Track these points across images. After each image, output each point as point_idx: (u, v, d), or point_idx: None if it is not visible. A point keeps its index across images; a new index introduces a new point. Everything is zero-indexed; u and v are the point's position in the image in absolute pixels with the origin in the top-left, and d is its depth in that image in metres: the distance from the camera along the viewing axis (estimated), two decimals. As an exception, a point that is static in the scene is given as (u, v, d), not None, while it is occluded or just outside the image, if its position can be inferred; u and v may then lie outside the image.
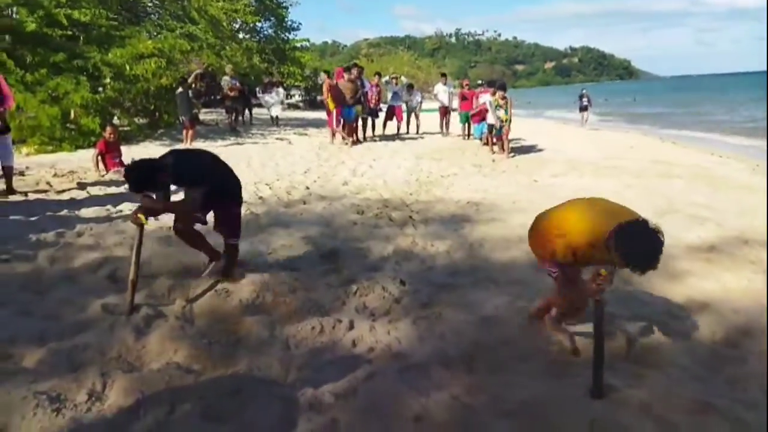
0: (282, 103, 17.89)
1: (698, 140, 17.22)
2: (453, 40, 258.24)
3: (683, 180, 8.89)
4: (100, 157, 8.80)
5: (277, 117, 17.37)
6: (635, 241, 2.56)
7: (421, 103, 16.36)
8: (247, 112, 17.14)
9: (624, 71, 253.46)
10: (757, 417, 2.55)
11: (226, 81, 15.04)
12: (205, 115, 17.51)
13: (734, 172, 10.19)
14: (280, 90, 17.57)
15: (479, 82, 15.82)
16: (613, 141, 16.05)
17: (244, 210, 6.64)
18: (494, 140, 12.12)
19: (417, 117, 15.87)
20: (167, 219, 4.75)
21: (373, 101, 14.02)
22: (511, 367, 3.03)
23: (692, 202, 7.11)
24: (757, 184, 8.71)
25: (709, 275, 4.40)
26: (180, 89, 12.24)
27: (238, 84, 15.16)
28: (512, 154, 11.89)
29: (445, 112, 15.69)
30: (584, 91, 22.22)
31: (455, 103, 15.37)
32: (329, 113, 13.12)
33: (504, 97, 11.51)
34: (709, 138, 17.95)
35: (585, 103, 21.59)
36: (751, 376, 2.91)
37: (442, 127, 15.85)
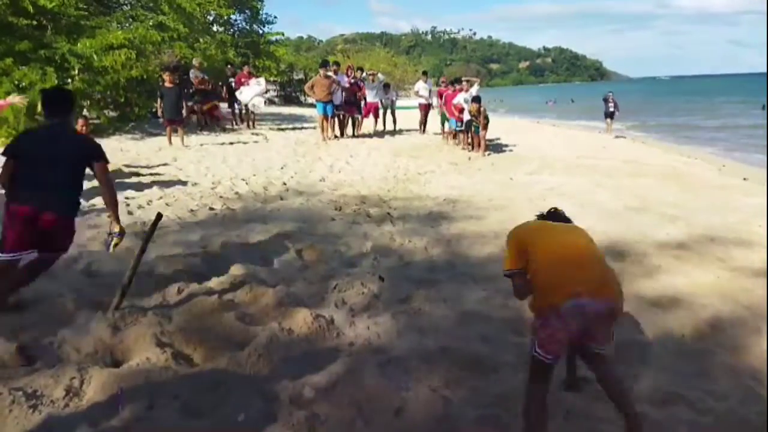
0: (263, 95, 15.62)
1: (668, 142, 17.64)
2: (429, 37, 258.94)
3: (653, 179, 9.12)
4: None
5: (253, 113, 15.03)
6: None
7: (395, 100, 16.38)
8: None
9: (596, 72, 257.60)
10: (725, 407, 2.65)
11: (193, 74, 14.58)
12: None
13: (702, 172, 10.51)
14: (262, 80, 15.12)
15: (452, 80, 15.82)
16: (586, 141, 16.35)
17: (220, 205, 6.62)
18: (471, 137, 12.24)
19: (393, 114, 15.89)
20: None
21: (354, 94, 13.93)
22: (488, 361, 3.09)
23: (662, 200, 7.30)
24: (723, 183, 9.00)
25: (678, 271, 4.53)
26: (168, 85, 11.52)
27: (205, 77, 14.65)
28: (488, 152, 12.01)
29: (425, 109, 15.75)
30: (610, 95, 18.03)
31: (435, 101, 15.46)
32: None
33: (478, 110, 11.48)
34: (678, 139, 18.39)
35: (611, 109, 17.89)
36: (720, 368, 3.02)
37: (421, 124, 15.91)
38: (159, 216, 3.70)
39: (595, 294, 2.25)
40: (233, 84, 14.83)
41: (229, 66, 15.43)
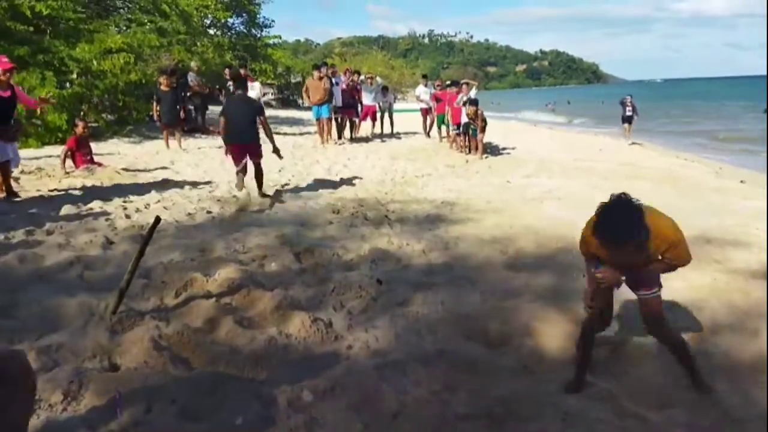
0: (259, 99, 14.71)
1: (665, 145, 17.69)
2: (426, 41, 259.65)
3: (649, 182, 9.14)
4: (69, 154, 8.59)
5: None
6: (608, 214, 2.46)
7: (393, 103, 16.42)
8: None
9: (592, 75, 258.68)
10: (723, 409, 2.66)
11: (191, 77, 14.56)
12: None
13: (698, 174, 10.54)
14: (256, 85, 14.36)
15: (447, 82, 15.86)
16: (583, 143, 16.40)
17: (218, 208, 6.62)
18: (467, 141, 12.27)
19: (391, 117, 15.92)
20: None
21: (352, 97, 13.91)
22: (486, 364, 3.09)
23: (658, 203, 7.27)
24: (720, 186, 9.02)
25: (675, 273, 4.49)
26: (165, 88, 11.50)
27: (202, 81, 14.55)
28: (485, 155, 12.04)
29: (427, 113, 15.77)
30: (628, 98, 17.10)
31: (433, 104, 15.47)
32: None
33: (476, 113, 11.54)
34: (676, 142, 18.45)
35: (629, 113, 16.91)
36: (717, 370, 3.03)
37: (425, 128, 15.92)
38: (157, 220, 3.70)
39: None
40: (231, 87, 14.45)
41: (227, 69, 15.04)
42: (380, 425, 2.52)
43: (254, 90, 13.73)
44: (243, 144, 7.18)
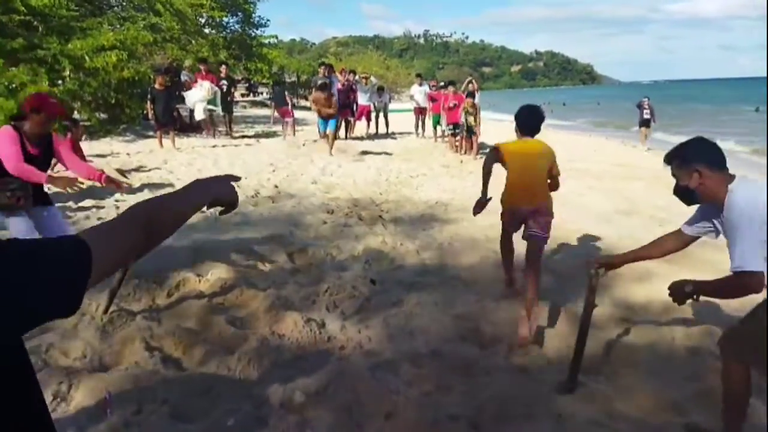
0: (207, 101, 12.65)
1: (659, 144, 17.73)
2: (421, 41, 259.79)
3: (644, 182, 9.17)
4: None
5: (197, 120, 13.49)
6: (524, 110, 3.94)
7: (388, 103, 16.39)
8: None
9: (587, 76, 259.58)
10: (712, 415, 2.66)
11: (185, 76, 14.36)
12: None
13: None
14: (206, 84, 12.61)
15: (441, 83, 15.82)
16: (577, 144, 16.42)
17: (211, 208, 6.57)
18: (463, 141, 12.28)
19: (386, 117, 15.91)
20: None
21: (347, 97, 13.80)
22: (479, 365, 3.09)
23: (652, 204, 7.34)
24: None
25: (669, 275, 4.51)
26: (159, 87, 11.31)
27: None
28: (480, 155, 12.04)
29: (420, 112, 15.75)
30: (645, 100, 15.77)
31: (429, 104, 15.44)
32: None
33: (473, 105, 11.73)
34: (671, 142, 18.49)
35: (647, 116, 15.66)
36: (710, 373, 3.03)
37: (417, 128, 15.91)
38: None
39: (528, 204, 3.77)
40: (223, 87, 13.51)
41: (223, 66, 14.55)
42: (372, 426, 2.51)
43: (202, 89, 12.63)
44: None
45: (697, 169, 2.27)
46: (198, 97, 12.73)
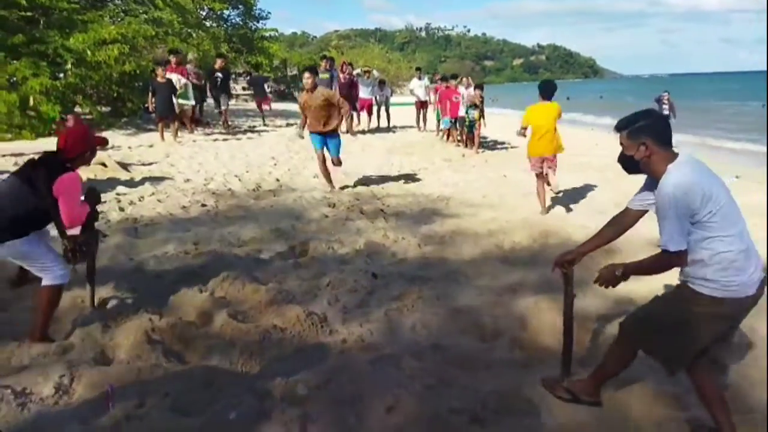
0: (177, 95, 11.43)
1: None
2: (423, 34, 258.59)
3: (643, 177, 9.12)
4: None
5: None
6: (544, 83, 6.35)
7: (389, 97, 16.33)
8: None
9: (589, 69, 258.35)
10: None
11: (189, 69, 14.26)
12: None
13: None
14: (174, 76, 11.66)
15: (438, 77, 15.70)
16: (579, 138, 16.36)
17: (213, 201, 6.59)
18: (464, 135, 12.25)
19: (387, 111, 15.86)
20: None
21: (349, 90, 13.68)
22: (480, 358, 3.09)
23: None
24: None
25: (671, 273, 4.53)
26: (161, 80, 11.19)
27: (200, 73, 14.16)
28: (481, 149, 12.02)
29: (420, 106, 15.69)
30: (665, 95, 14.62)
31: (432, 97, 15.36)
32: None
33: (481, 96, 11.79)
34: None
35: (666, 112, 14.07)
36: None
37: (418, 121, 15.85)
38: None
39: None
40: (218, 79, 13.26)
41: (219, 59, 14.12)
42: (374, 419, 2.51)
43: (178, 82, 11.71)
44: None
45: (645, 142, 2.36)
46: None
